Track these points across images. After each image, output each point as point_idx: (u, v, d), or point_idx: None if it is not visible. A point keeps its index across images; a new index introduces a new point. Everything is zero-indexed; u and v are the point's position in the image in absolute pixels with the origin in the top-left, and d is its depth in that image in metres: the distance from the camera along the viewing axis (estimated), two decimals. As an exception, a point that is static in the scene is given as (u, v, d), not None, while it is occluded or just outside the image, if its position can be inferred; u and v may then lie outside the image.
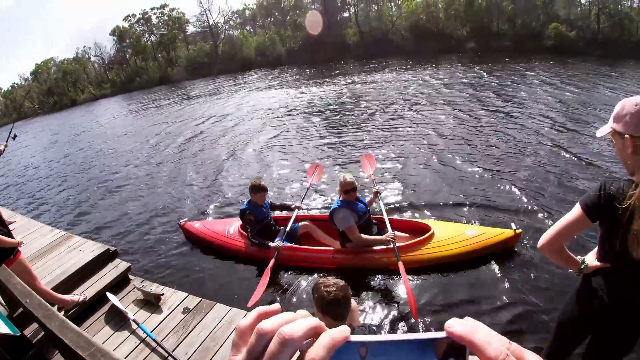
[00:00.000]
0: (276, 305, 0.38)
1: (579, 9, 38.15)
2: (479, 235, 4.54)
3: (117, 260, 4.43)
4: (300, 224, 5.20)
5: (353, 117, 13.09)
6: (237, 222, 5.51)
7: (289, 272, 4.77)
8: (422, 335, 0.31)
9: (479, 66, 23.19)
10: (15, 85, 53.55)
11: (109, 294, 3.83)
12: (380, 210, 4.88)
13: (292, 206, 5.31)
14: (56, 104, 47.05)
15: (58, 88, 49.40)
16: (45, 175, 12.74)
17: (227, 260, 5.25)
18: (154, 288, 3.98)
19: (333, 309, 2.05)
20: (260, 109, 16.88)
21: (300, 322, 0.33)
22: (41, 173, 13.13)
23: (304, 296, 4.34)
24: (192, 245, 5.81)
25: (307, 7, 45.55)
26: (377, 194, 5.00)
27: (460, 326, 0.31)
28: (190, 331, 3.39)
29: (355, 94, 17.78)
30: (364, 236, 4.37)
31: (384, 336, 0.31)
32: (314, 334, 0.32)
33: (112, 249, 4.49)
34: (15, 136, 6.14)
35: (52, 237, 5.04)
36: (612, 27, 34.01)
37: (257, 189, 4.83)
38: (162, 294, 3.83)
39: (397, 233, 4.51)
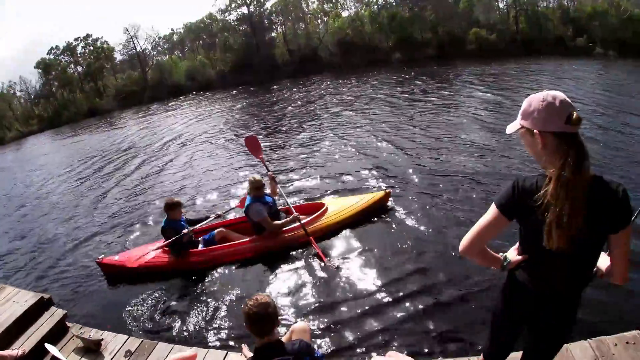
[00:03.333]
0: (191, 351, 0.41)
1: (497, 12, 39.51)
2: (360, 201, 6.06)
3: (53, 308, 4.27)
4: (215, 231, 5.84)
5: (278, 130, 14.42)
6: (157, 243, 5.84)
7: (213, 272, 5.36)
8: None
9: (405, 74, 24.62)
10: None
11: (47, 345, 3.71)
12: (283, 197, 5.99)
13: (213, 216, 5.99)
14: None
15: None
16: None
17: (158, 288, 5.33)
18: (93, 334, 3.94)
19: (251, 325, 2.20)
20: (189, 134, 17.06)
21: None
22: None
23: (230, 294, 4.90)
24: (122, 282, 5.73)
25: (235, 28, 44.94)
26: (272, 179, 5.91)
27: None
28: None
29: (282, 110, 19.13)
30: (276, 222, 5.46)
31: None
32: None
33: (47, 296, 4.35)
34: None
35: None
36: (530, 27, 35.41)
37: (172, 206, 5.40)
38: (102, 339, 3.78)
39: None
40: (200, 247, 5.64)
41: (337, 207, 5.98)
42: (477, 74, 20.74)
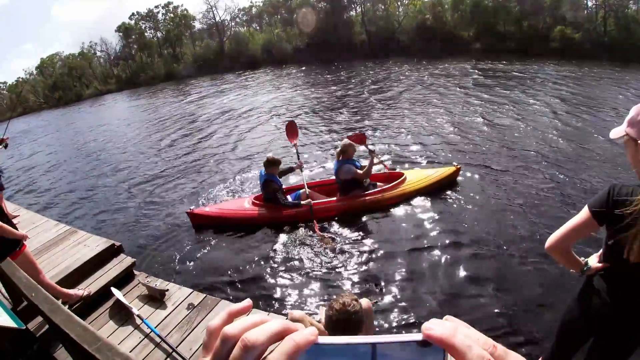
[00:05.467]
0: (247, 302, 0.37)
1: (585, 11, 37.86)
2: (434, 173, 6.57)
3: (122, 256, 4.41)
4: (300, 191, 6.26)
5: (355, 109, 14.30)
6: (247, 198, 6.43)
7: (296, 232, 5.74)
8: (399, 337, 0.30)
9: (485, 66, 23.63)
10: (20, 80, 53.52)
11: (113, 289, 3.82)
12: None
13: (295, 166, 6.33)
14: (61, 98, 46.84)
15: (63, 83, 49.19)
16: (49, 169, 12.76)
17: (234, 248, 5.53)
18: (159, 284, 4.00)
19: (332, 331, 2.03)
20: (264, 106, 17.15)
21: (265, 326, 0.32)
22: (45, 167, 13.12)
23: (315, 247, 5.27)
24: (197, 239, 5.93)
25: (314, 5, 45.38)
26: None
27: (439, 328, 0.30)
28: (195, 327, 3.38)
29: (359, 87, 19.03)
30: (361, 171, 5.96)
31: (358, 338, 0.31)
32: (279, 339, 0.31)
33: (117, 244, 4.47)
34: (6, 146, 6.30)
35: (56, 231, 5.00)
36: (619, 30, 33.68)
37: (275, 162, 5.82)
38: (167, 290, 3.83)
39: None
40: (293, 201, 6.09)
41: (414, 177, 6.49)
42: (559, 73, 19.78)
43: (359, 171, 5.95)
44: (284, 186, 6.20)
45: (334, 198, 6.08)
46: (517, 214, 5.62)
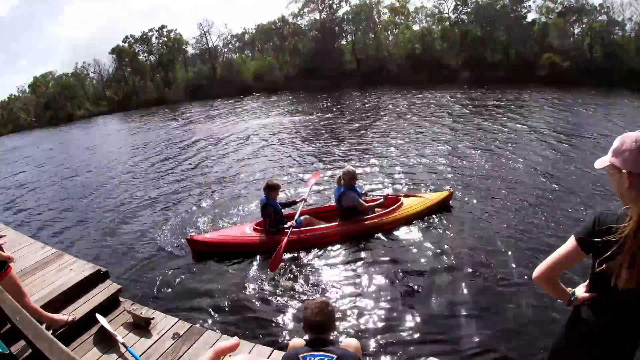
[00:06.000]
0: (234, 340, 0.38)
1: (572, 39, 38.56)
2: (429, 197, 6.85)
3: (108, 282, 4.37)
4: (302, 217, 6.19)
5: (346, 137, 14.64)
6: (248, 224, 6.47)
7: (301, 252, 5.81)
8: None
9: (473, 94, 24.36)
10: (13, 97, 53.02)
11: (98, 316, 3.77)
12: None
13: (299, 200, 6.46)
14: (53, 118, 46.49)
15: (55, 102, 48.81)
16: (38, 189, 12.65)
17: (226, 275, 5.50)
18: (144, 312, 3.95)
19: (309, 328, 2.26)
20: (257, 133, 17.38)
21: None
22: (34, 187, 13.00)
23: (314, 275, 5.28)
24: (187, 266, 5.89)
25: (305, 33, 46.12)
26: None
27: None
28: (180, 357, 3.36)
29: (350, 116, 19.66)
30: (368, 204, 6.28)
31: None
32: None
33: (103, 269, 4.43)
34: None
35: (43, 254, 4.95)
36: (605, 56, 34.22)
37: (275, 187, 5.97)
38: (152, 318, 3.79)
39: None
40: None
41: (410, 201, 6.71)
42: (547, 101, 20.37)
43: (363, 203, 6.17)
44: (293, 208, 6.43)
45: (335, 223, 6.17)
46: (506, 243, 5.69)
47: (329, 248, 5.92)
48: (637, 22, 36.38)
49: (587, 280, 1.84)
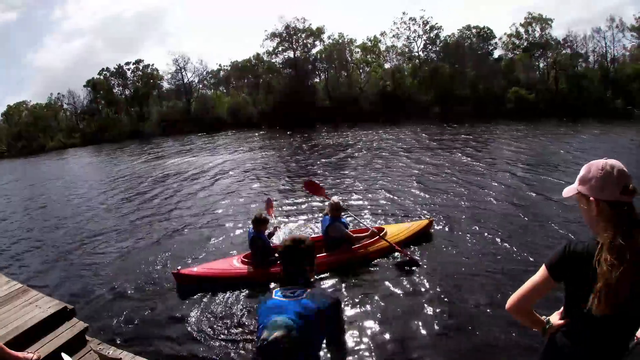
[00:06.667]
0: None
1: (537, 72, 39.74)
2: (411, 226, 7.03)
3: (75, 320, 4.21)
4: None
5: (321, 171, 15.02)
6: (235, 257, 6.45)
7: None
8: None
9: (443, 129, 25.09)
10: None
11: (64, 355, 3.61)
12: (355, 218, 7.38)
13: (272, 230, 6.53)
14: (24, 148, 46.09)
15: (28, 133, 48.55)
16: (5, 220, 12.27)
17: (200, 312, 5.27)
18: (112, 352, 3.82)
19: (283, 259, 2.13)
20: (232, 168, 17.42)
21: None
22: (1, 219, 12.55)
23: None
24: (161, 304, 5.67)
25: (279, 71, 46.83)
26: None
27: None
28: None
29: (325, 152, 19.85)
30: (356, 235, 6.39)
31: None
32: None
33: (70, 307, 4.28)
34: None
35: (7, 288, 4.76)
36: (570, 88, 35.17)
37: (263, 221, 6.04)
38: (120, 359, 3.64)
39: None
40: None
41: (393, 230, 6.88)
42: (515, 133, 21.07)
43: (349, 233, 6.32)
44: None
45: (323, 254, 6.20)
46: (482, 270, 5.87)
47: (317, 278, 5.92)
48: (600, 54, 37.80)
49: (562, 308, 1.83)
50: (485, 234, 7.22)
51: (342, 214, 6.51)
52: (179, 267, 6.13)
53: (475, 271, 5.83)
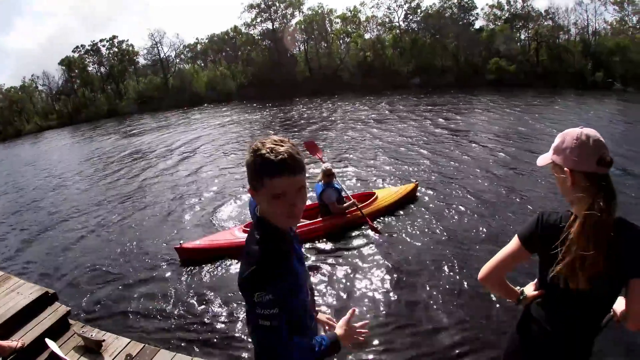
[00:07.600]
0: None
1: (518, 43, 39.62)
2: (398, 190, 7.51)
3: (57, 304, 4.25)
4: None
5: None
6: (235, 227, 6.59)
7: None
8: None
9: (423, 99, 25.22)
10: None
11: (48, 340, 3.66)
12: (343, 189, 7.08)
13: None
14: (0, 133, 44.64)
15: (3, 117, 46.78)
16: None
17: (174, 289, 5.33)
18: (95, 334, 3.88)
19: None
20: (205, 143, 17.30)
21: None
22: None
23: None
24: (138, 285, 5.67)
25: (258, 43, 45.71)
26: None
27: None
28: None
29: (305, 124, 19.84)
30: (340, 206, 6.54)
31: None
32: None
33: (51, 291, 4.32)
34: None
35: None
36: (551, 60, 35.22)
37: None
38: (104, 340, 3.76)
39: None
40: None
41: (383, 194, 7.33)
42: (495, 103, 21.23)
43: (336, 204, 6.48)
44: None
45: (318, 219, 6.55)
46: (463, 235, 6.16)
47: (315, 244, 6.23)
48: (582, 27, 37.70)
49: (536, 279, 1.81)
50: (465, 197, 7.68)
51: (334, 179, 6.71)
52: (181, 242, 6.14)
53: (457, 236, 6.11)
